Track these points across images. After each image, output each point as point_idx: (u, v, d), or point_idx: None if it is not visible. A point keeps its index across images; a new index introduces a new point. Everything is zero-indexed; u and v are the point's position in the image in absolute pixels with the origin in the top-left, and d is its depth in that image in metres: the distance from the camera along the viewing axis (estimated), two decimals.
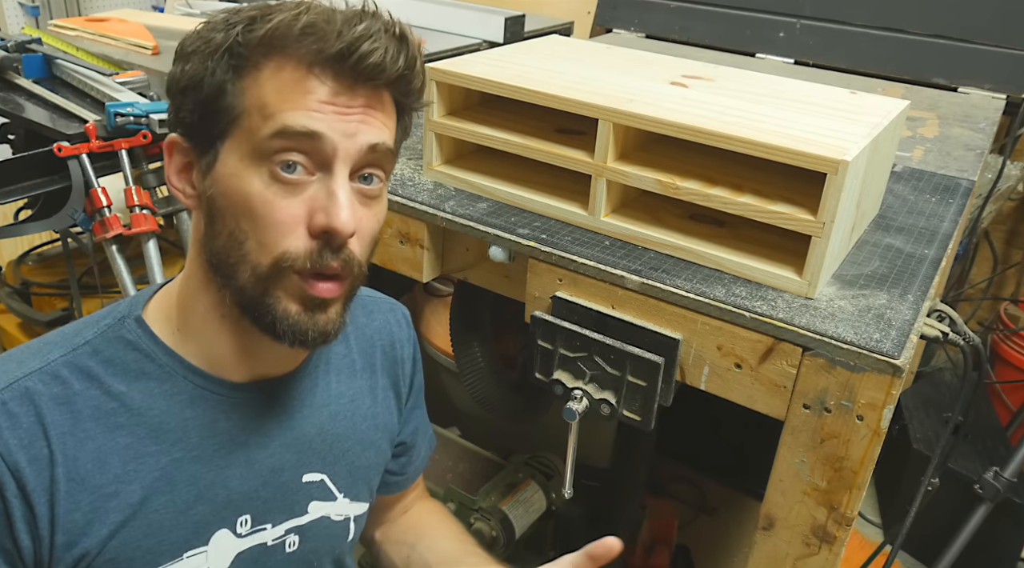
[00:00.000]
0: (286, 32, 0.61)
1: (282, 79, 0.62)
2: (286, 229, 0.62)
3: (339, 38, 0.61)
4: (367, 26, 0.62)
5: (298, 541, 0.77)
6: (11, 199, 1.29)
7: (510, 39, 1.81)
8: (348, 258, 0.64)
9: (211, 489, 0.70)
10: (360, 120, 0.63)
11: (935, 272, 0.95)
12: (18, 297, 2.06)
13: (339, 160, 0.63)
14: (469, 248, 1.07)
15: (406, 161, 1.19)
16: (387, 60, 0.63)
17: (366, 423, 0.83)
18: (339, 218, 0.62)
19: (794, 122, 0.91)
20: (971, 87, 1.83)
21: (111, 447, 0.65)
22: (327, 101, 0.62)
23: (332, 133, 0.62)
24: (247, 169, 0.63)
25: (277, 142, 0.61)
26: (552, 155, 1.01)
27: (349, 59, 0.61)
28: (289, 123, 0.61)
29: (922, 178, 1.26)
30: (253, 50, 0.62)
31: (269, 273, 0.63)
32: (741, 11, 2.05)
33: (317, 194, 0.63)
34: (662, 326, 0.90)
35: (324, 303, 0.65)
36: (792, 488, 0.87)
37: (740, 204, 0.90)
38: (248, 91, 0.62)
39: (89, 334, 0.69)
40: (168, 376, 0.68)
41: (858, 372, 0.79)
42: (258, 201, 0.62)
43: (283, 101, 0.61)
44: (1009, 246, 2.32)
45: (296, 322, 0.64)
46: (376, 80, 0.63)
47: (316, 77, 0.62)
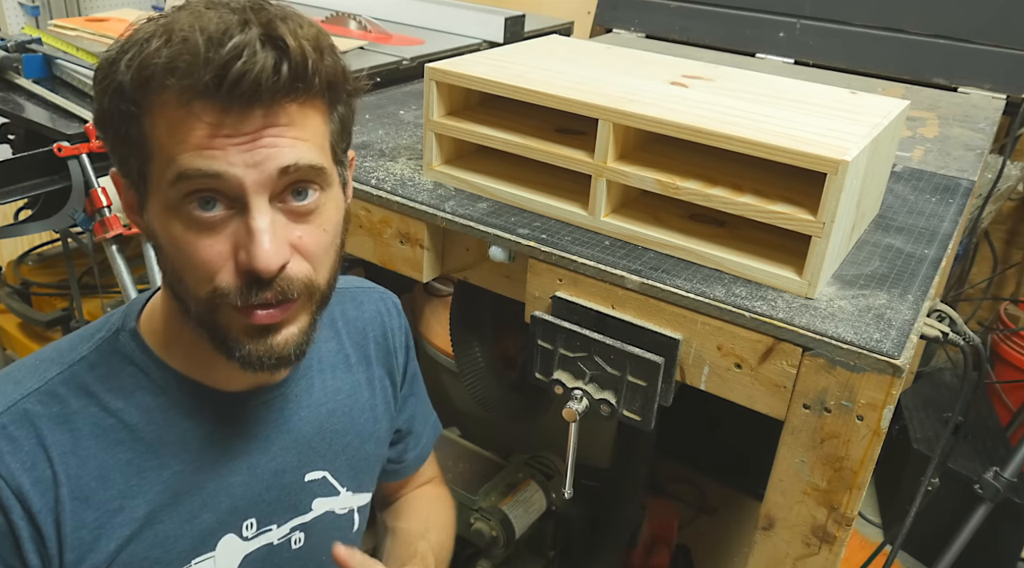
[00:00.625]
0: (151, 73, 0.56)
1: (169, 118, 0.57)
2: (214, 267, 0.59)
3: (207, 66, 0.54)
4: (236, 43, 0.54)
5: (303, 538, 0.78)
6: (11, 199, 1.29)
7: (510, 39, 1.81)
8: (286, 286, 0.61)
9: (215, 497, 0.70)
10: (266, 144, 0.58)
11: (935, 272, 0.95)
12: (18, 297, 2.06)
13: (251, 193, 0.58)
14: (469, 248, 1.07)
15: (406, 161, 1.19)
16: (265, 76, 0.55)
17: (365, 415, 0.83)
18: (259, 257, 0.58)
19: (794, 122, 0.91)
20: (971, 87, 1.83)
21: (113, 463, 0.65)
22: (221, 134, 0.57)
23: (233, 168, 0.57)
24: (166, 214, 0.60)
25: (179, 188, 0.58)
26: (552, 155, 1.01)
27: (223, 88, 0.55)
28: (184, 167, 0.57)
29: (922, 178, 1.26)
30: (135, 91, 0.57)
31: (209, 305, 0.61)
32: (741, 11, 2.05)
33: (237, 231, 0.59)
34: (662, 326, 0.90)
35: (269, 328, 0.62)
36: (792, 488, 0.87)
37: (740, 204, 0.90)
38: (149, 134, 0.59)
39: (84, 349, 0.68)
40: (163, 390, 0.68)
41: (858, 372, 0.79)
42: (182, 244, 0.59)
43: (175, 142, 0.57)
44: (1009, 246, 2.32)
45: (249, 352, 0.63)
46: (263, 99, 0.57)
47: (198, 115, 0.56)
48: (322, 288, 0.65)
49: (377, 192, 1.09)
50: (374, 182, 1.11)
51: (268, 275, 0.58)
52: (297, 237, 0.61)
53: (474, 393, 1.32)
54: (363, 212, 1.11)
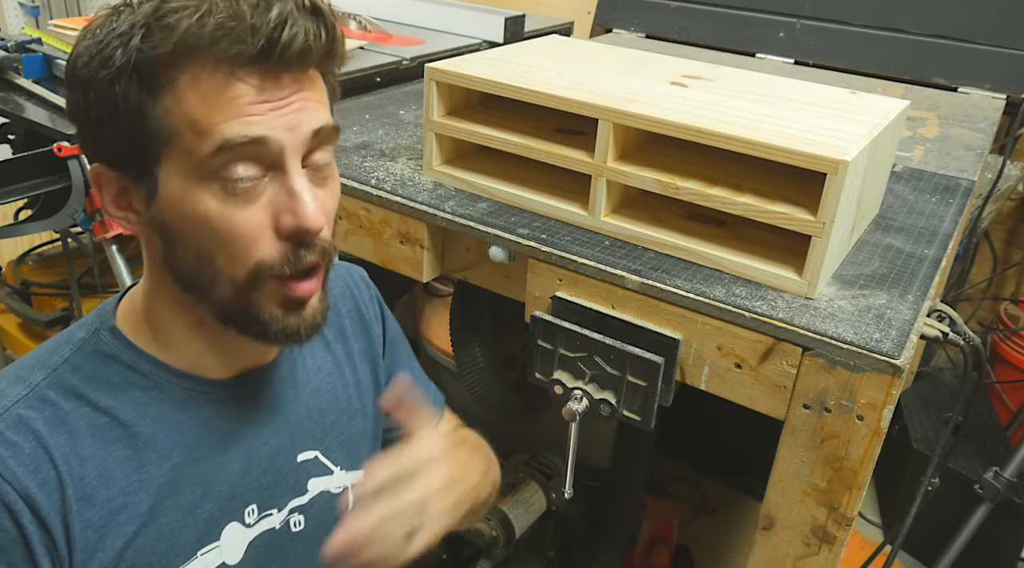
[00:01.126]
0: (195, 41, 0.56)
1: (203, 90, 0.57)
2: (254, 238, 0.60)
3: (255, 33, 0.56)
4: (279, 10, 0.56)
5: (303, 520, 0.78)
6: (11, 199, 1.29)
7: (510, 39, 1.81)
8: (323, 247, 0.63)
9: (215, 486, 0.70)
10: (298, 108, 0.60)
11: (935, 272, 0.95)
12: (18, 297, 2.06)
13: (289, 156, 0.60)
14: (469, 248, 1.07)
15: (406, 161, 1.19)
16: (311, 43, 0.58)
17: (349, 392, 0.83)
18: (307, 216, 0.60)
19: (794, 122, 0.91)
20: (971, 87, 1.83)
21: (112, 461, 0.65)
22: (260, 100, 0.58)
23: (275, 133, 0.59)
24: (195, 189, 0.59)
25: (221, 157, 0.58)
26: (552, 155, 1.01)
27: (273, 54, 0.57)
28: (229, 136, 0.57)
29: (922, 178, 1.26)
30: (163, 65, 0.57)
31: (247, 284, 0.61)
32: (741, 11, 2.05)
33: (276, 196, 0.60)
34: (662, 326, 0.90)
35: (305, 301, 0.64)
36: (792, 488, 0.87)
37: (740, 204, 0.90)
38: (171, 110, 0.58)
39: (65, 352, 0.67)
40: (154, 384, 0.68)
41: (858, 372, 0.79)
42: (217, 218, 0.59)
43: (214, 113, 0.57)
44: (1009, 246, 2.32)
45: (286, 325, 0.64)
46: (305, 65, 0.60)
47: (241, 80, 0.57)
48: (334, 254, 0.67)
49: (377, 192, 1.09)
50: (374, 182, 1.11)
51: (316, 232, 0.60)
52: (321, 200, 0.63)
53: (474, 393, 1.32)
54: (363, 212, 1.11)
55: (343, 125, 1.33)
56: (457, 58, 1.09)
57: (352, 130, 1.32)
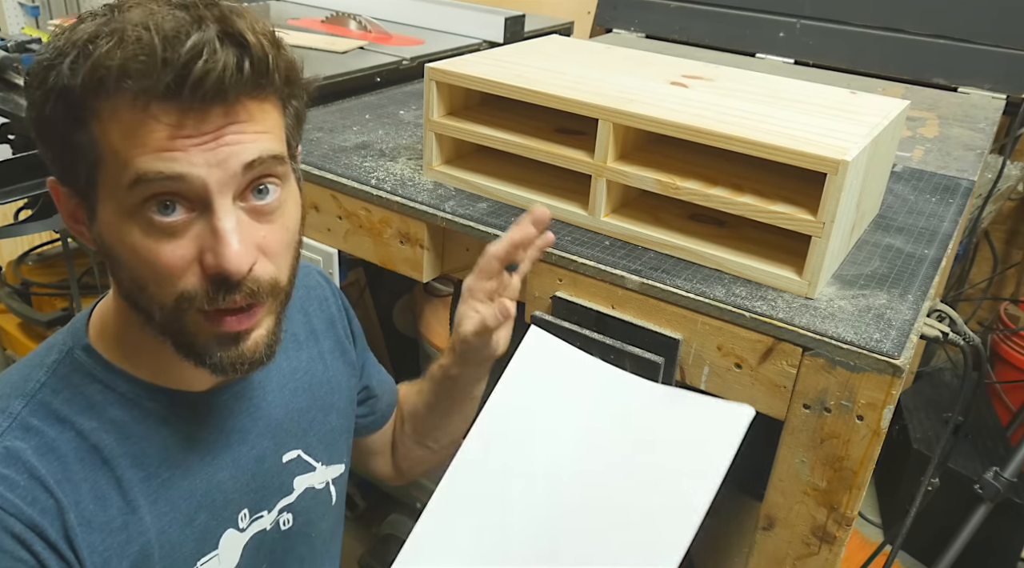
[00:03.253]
0: (103, 75, 0.53)
1: (124, 121, 0.54)
2: (178, 271, 0.58)
3: (166, 67, 0.52)
4: (195, 41, 0.52)
5: (292, 518, 0.79)
6: (11, 199, 1.29)
7: (510, 39, 1.81)
8: (254, 288, 0.59)
9: (208, 496, 0.70)
10: (228, 141, 0.56)
11: (935, 272, 0.95)
12: (18, 297, 2.06)
13: (215, 193, 0.56)
14: (469, 248, 1.07)
15: (406, 161, 1.19)
16: (228, 75, 0.54)
17: (323, 389, 0.84)
18: (227, 259, 0.56)
19: (794, 122, 0.91)
20: (971, 87, 1.83)
21: (103, 484, 0.64)
22: (181, 135, 0.54)
23: (195, 169, 0.55)
24: (122, 220, 0.57)
25: (138, 192, 0.55)
26: (552, 155, 1.01)
27: (184, 89, 0.53)
28: (143, 170, 0.54)
29: (922, 178, 1.26)
30: (83, 94, 0.55)
31: (175, 313, 0.59)
32: (741, 11, 2.05)
33: (202, 232, 0.57)
34: (662, 326, 0.90)
35: (241, 334, 0.61)
36: (792, 488, 0.87)
37: (740, 204, 0.90)
38: (97, 138, 0.56)
39: (41, 376, 0.65)
40: (133, 402, 0.66)
41: (858, 372, 0.79)
42: (142, 250, 0.57)
43: (132, 146, 0.54)
44: (1009, 246, 2.31)
45: (221, 358, 0.61)
46: (227, 98, 0.55)
47: (156, 117, 0.54)
48: (285, 287, 0.64)
49: (377, 192, 1.09)
50: (374, 182, 1.11)
51: (238, 276, 0.57)
52: (261, 237, 0.60)
53: None
54: (363, 212, 1.11)
55: (343, 125, 1.33)
56: (457, 58, 1.10)
57: (352, 130, 1.32)
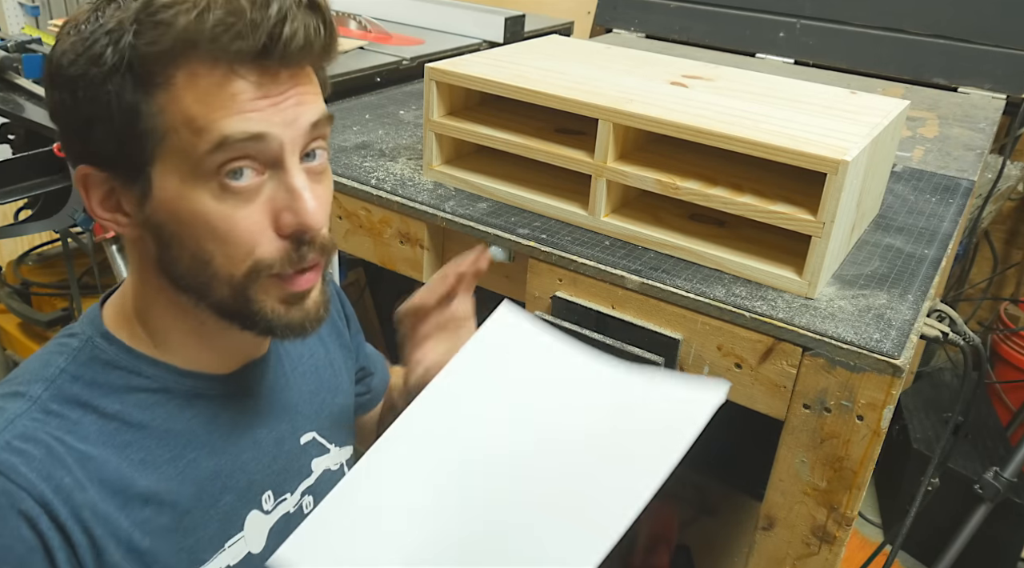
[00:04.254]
0: (195, 37, 0.54)
1: (201, 87, 0.56)
2: (253, 238, 0.59)
3: (255, 29, 0.54)
4: (279, 5, 0.55)
5: (312, 501, 0.79)
6: (11, 199, 1.29)
7: (510, 39, 1.81)
8: (323, 243, 0.63)
9: (232, 478, 0.71)
10: (295, 102, 0.59)
11: (935, 272, 0.95)
12: (18, 297, 2.06)
13: (288, 153, 0.59)
14: (469, 248, 1.07)
15: (406, 161, 1.19)
16: (311, 39, 0.57)
17: (327, 371, 0.85)
18: (308, 215, 0.59)
19: (794, 122, 0.91)
20: (971, 87, 1.83)
21: (127, 465, 0.64)
22: (259, 96, 0.57)
23: (275, 128, 0.58)
24: (192, 189, 0.58)
25: (219, 155, 0.57)
26: (552, 155, 1.01)
27: (274, 51, 0.55)
28: (228, 133, 0.56)
29: (922, 178, 1.26)
30: (159, 62, 0.55)
31: (245, 283, 0.61)
32: (741, 11, 2.05)
33: (275, 194, 0.59)
34: (662, 326, 0.90)
35: (304, 294, 0.64)
36: (792, 488, 0.87)
37: (740, 204, 0.90)
38: (167, 108, 0.56)
39: (61, 362, 0.65)
40: (158, 385, 0.67)
41: (858, 372, 0.79)
42: (216, 218, 0.58)
43: (212, 110, 0.56)
44: (1009, 246, 2.31)
45: (290, 320, 0.64)
46: (304, 61, 0.59)
47: (241, 77, 0.56)
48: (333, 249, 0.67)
49: (377, 192, 1.09)
50: (374, 182, 1.11)
51: (316, 230, 0.60)
52: (318, 196, 0.63)
53: None
54: (363, 212, 1.11)
55: (343, 125, 1.33)
56: (457, 58, 1.09)
57: (352, 130, 1.32)
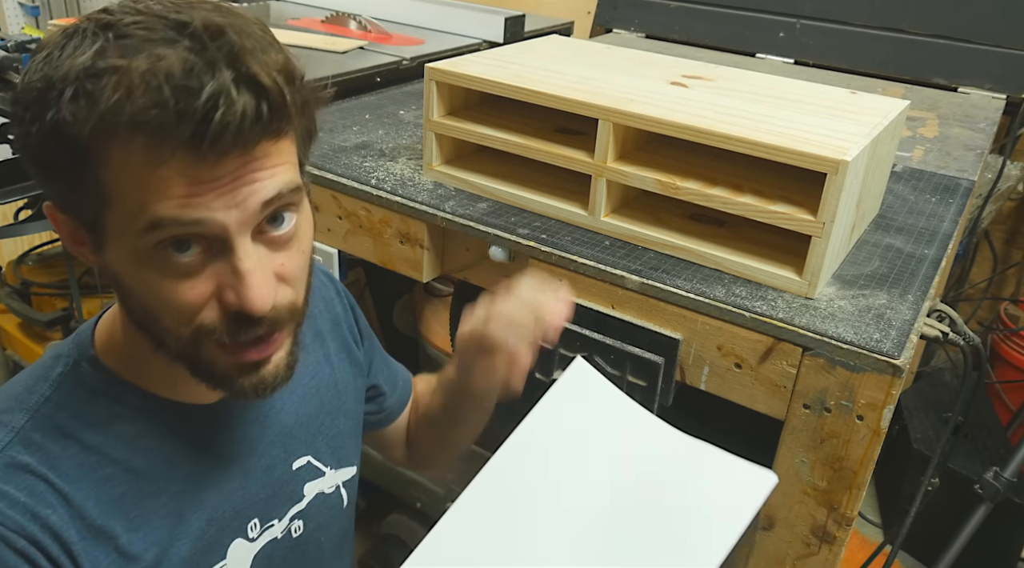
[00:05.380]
0: (114, 125, 0.50)
1: (134, 166, 0.51)
2: (196, 308, 0.56)
3: (182, 120, 0.49)
4: (211, 91, 0.49)
5: (303, 525, 0.78)
6: (11, 199, 1.29)
7: (510, 39, 1.81)
8: (274, 318, 0.58)
9: (218, 509, 0.69)
10: (246, 182, 0.54)
11: (935, 272, 0.95)
12: (18, 297, 2.06)
13: (234, 234, 0.54)
14: (469, 248, 1.07)
15: (406, 161, 1.19)
16: (246, 124, 0.51)
17: (330, 392, 0.83)
18: (251, 300, 0.55)
19: (794, 122, 0.91)
20: (971, 87, 1.83)
21: (109, 500, 0.63)
22: (197, 183, 0.52)
23: (215, 213, 0.53)
24: (135, 260, 0.55)
25: (154, 236, 0.53)
26: (552, 155, 1.01)
27: (204, 141, 0.50)
28: (160, 216, 0.52)
29: (922, 178, 1.26)
30: (90, 141, 0.51)
31: (193, 342, 0.58)
32: (741, 11, 2.05)
33: (222, 270, 0.56)
34: (662, 326, 0.90)
35: (262, 362, 0.60)
36: (792, 488, 0.87)
37: (740, 204, 0.90)
38: (104, 179, 0.53)
39: (45, 389, 0.63)
40: (142, 416, 0.65)
41: (858, 372, 0.79)
42: (159, 287, 0.56)
43: (144, 192, 0.52)
44: (1009, 246, 2.31)
45: (242, 386, 0.61)
46: (246, 145, 0.52)
47: (171, 169, 0.51)
48: (302, 308, 0.63)
49: (377, 192, 1.09)
50: (374, 182, 1.11)
51: (259, 315, 0.56)
52: (280, 265, 0.59)
53: None
54: (363, 212, 1.11)
55: (343, 125, 1.33)
56: (457, 58, 1.09)
57: (352, 130, 1.32)
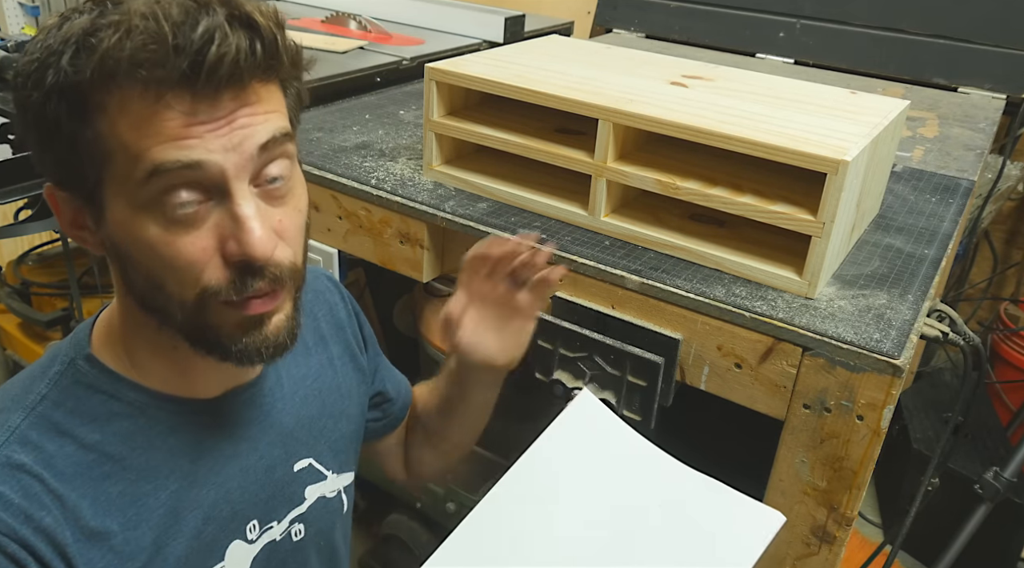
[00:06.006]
0: (114, 65, 0.52)
1: (133, 113, 0.53)
2: (200, 264, 0.57)
3: (179, 54, 0.51)
4: (206, 26, 0.52)
5: (303, 529, 0.78)
6: (11, 199, 1.29)
7: (510, 39, 1.81)
8: (276, 273, 0.59)
9: (216, 508, 0.69)
10: (241, 125, 0.55)
11: (935, 272, 0.95)
12: (18, 297, 2.06)
13: (232, 179, 0.56)
14: (469, 248, 1.07)
15: (406, 161, 1.19)
16: (242, 57, 0.53)
17: (333, 396, 0.82)
18: (252, 245, 0.56)
19: (794, 122, 0.91)
20: (971, 87, 1.83)
21: (106, 498, 0.62)
22: (195, 122, 0.54)
23: (213, 155, 0.54)
24: (137, 216, 0.56)
25: (155, 184, 0.54)
26: (552, 155, 1.01)
27: (200, 75, 0.52)
28: (160, 161, 0.53)
29: (922, 178, 1.26)
30: (88, 89, 0.53)
31: (197, 308, 0.59)
32: (741, 11, 2.05)
33: (222, 220, 0.57)
34: (662, 326, 0.90)
35: (262, 319, 0.61)
36: (792, 488, 0.87)
37: (740, 204, 0.90)
38: (105, 134, 0.54)
39: (42, 387, 0.63)
40: (140, 411, 0.65)
41: (858, 372, 0.79)
42: (160, 245, 0.56)
43: (144, 137, 0.53)
44: (1009, 246, 2.31)
45: (246, 346, 0.61)
46: (240, 82, 0.55)
47: (170, 105, 0.53)
48: (302, 271, 0.64)
49: (377, 192, 1.09)
50: (374, 182, 1.11)
51: (263, 261, 0.57)
52: (278, 221, 0.60)
53: None
54: (363, 212, 1.11)
55: (343, 125, 1.33)
56: (457, 58, 1.09)
57: (352, 130, 1.32)
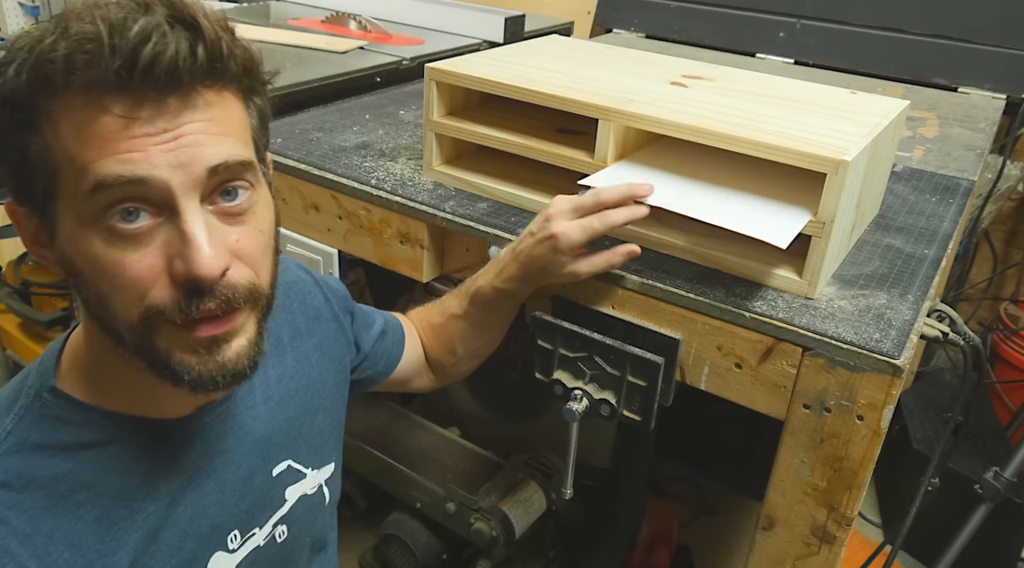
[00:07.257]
0: (50, 70, 0.50)
1: (76, 122, 0.51)
2: (145, 283, 0.54)
3: (113, 54, 0.49)
4: (143, 25, 0.50)
5: (286, 529, 0.77)
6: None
7: (510, 39, 1.81)
8: (228, 295, 0.56)
9: (194, 524, 0.67)
10: (189, 142, 0.53)
11: (935, 272, 0.95)
12: (18, 297, 2.06)
13: (179, 196, 0.53)
14: (469, 248, 1.07)
15: (406, 161, 1.19)
16: (180, 58, 0.51)
17: (309, 392, 0.81)
18: (198, 264, 0.53)
19: (794, 122, 0.91)
20: (971, 87, 1.83)
21: (81, 527, 0.61)
22: (138, 133, 0.51)
23: (158, 171, 0.52)
24: (84, 231, 0.54)
25: (99, 199, 0.52)
26: (552, 155, 1.01)
27: (134, 75, 0.50)
28: (103, 175, 0.51)
29: (922, 178, 1.26)
30: (32, 98, 0.52)
31: (143, 329, 0.56)
32: (741, 11, 2.05)
33: (171, 238, 0.54)
34: (662, 326, 0.90)
35: (217, 342, 0.57)
36: (792, 488, 0.87)
37: None
38: (51, 145, 0.53)
39: (7, 424, 0.61)
40: (111, 438, 0.63)
41: (858, 372, 0.79)
42: (105, 262, 0.54)
43: (88, 149, 0.51)
44: (1009, 246, 2.31)
45: (199, 373, 0.57)
46: (181, 85, 0.52)
47: (108, 109, 0.51)
48: (266, 293, 0.61)
49: (377, 192, 1.09)
50: (374, 182, 1.11)
51: (211, 281, 0.54)
52: (234, 240, 0.57)
53: (474, 393, 1.32)
54: (363, 212, 1.11)
55: (343, 125, 1.33)
56: (457, 58, 1.09)
57: (352, 130, 1.32)
